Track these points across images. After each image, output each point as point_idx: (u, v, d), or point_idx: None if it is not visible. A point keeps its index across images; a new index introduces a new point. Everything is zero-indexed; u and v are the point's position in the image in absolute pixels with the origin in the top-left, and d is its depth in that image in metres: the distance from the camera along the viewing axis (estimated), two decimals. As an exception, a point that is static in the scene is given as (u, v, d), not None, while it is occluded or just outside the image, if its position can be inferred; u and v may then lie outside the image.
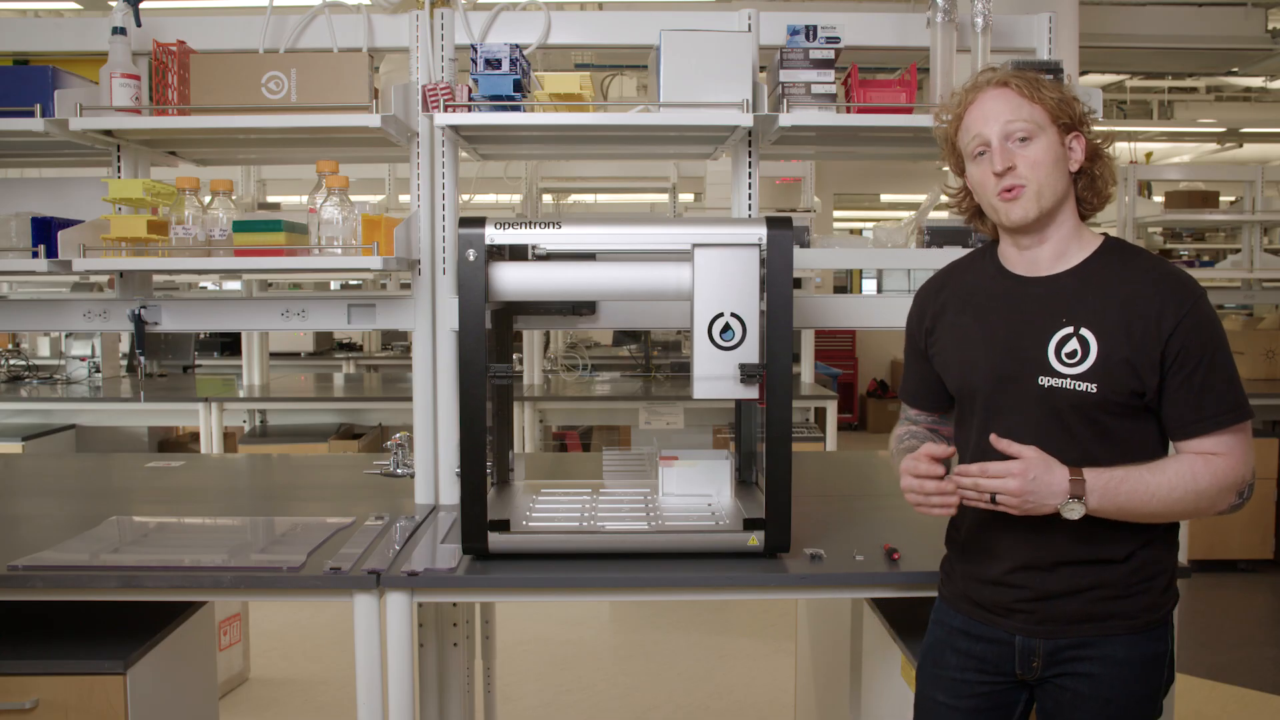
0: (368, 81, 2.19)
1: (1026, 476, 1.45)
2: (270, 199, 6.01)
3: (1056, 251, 1.55)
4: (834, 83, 2.25)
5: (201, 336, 7.30)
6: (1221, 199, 7.10)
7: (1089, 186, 1.56)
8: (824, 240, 2.51)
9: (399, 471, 2.55)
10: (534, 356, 5.64)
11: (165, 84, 2.24)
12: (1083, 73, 6.02)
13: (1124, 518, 1.48)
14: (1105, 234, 1.59)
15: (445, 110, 2.18)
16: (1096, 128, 1.59)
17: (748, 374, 1.82)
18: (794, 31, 2.26)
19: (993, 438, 1.50)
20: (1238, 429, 1.48)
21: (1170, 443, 1.53)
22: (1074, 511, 1.46)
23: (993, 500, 1.48)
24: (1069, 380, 1.49)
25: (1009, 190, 1.51)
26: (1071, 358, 1.50)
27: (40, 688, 1.84)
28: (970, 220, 1.69)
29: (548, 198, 6.31)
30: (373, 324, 2.36)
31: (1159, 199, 6.90)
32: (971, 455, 1.60)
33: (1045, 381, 1.51)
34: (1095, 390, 1.48)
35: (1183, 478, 1.47)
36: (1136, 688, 1.53)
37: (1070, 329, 1.50)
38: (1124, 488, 1.46)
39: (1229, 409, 1.48)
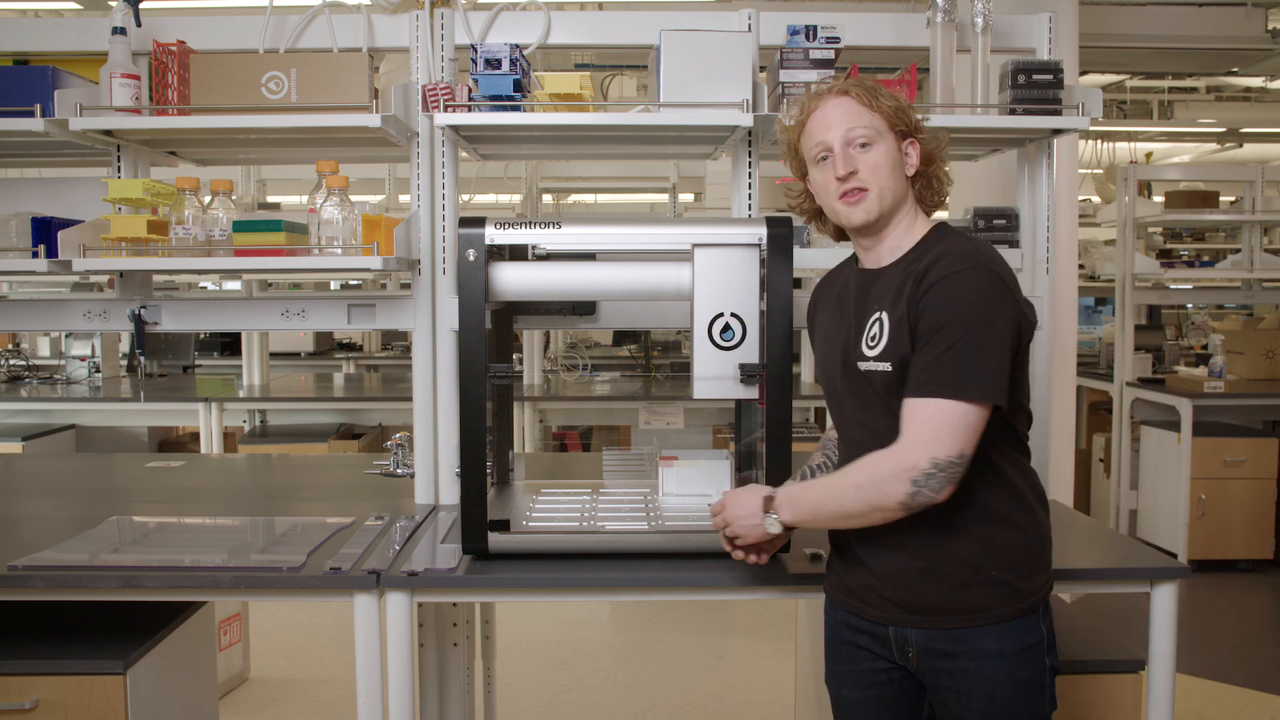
0: (368, 81, 2.19)
1: (729, 509, 1.60)
2: (270, 199, 6.02)
3: (892, 246, 1.58)
4: (834, 83, 2.25)
5: (201, 336, 7.31)
6: (1221, 199, 7.10)
7: (926, 187, 1.60)
8: (824, 240, 2.50)
9: (399, 471, 2.55)
10: (534, 356, 5.64)
11: (165, 84, 2.24)
12: (1083, 73, 6.01)
13: (820, 524, 1.55)
14: (939, 222, 1.61)
15: (445, 110, 2.18)
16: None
17: (748, 374, 1.82)
18: (794, 31, 2.26)
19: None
20: (934, 404, 1.40)
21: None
22: (773, 525, 1.54)
23: (733, 541, 1.63)
24: (872, 362, 1.53)
25: (851, 194, 1.55)
26: (873, 341, 1.53)
27: (40, 688, 1.85)
28: (809, 221, 1.73)
29: (548, 198, 6.32)
30: (373, 324, 2.36)
31: (1159, 199, 6.90)
32: (837, 441, 1.68)
33: (862, 366, 1.55)
34: (891, 369, 1.50)
35: (846, 474, 1.47)
36: (1017, 676, 1.51)
37: (878, 314, 1.54)
38: (805, 495, 1.52)
39: (931, 382, 1.40)
